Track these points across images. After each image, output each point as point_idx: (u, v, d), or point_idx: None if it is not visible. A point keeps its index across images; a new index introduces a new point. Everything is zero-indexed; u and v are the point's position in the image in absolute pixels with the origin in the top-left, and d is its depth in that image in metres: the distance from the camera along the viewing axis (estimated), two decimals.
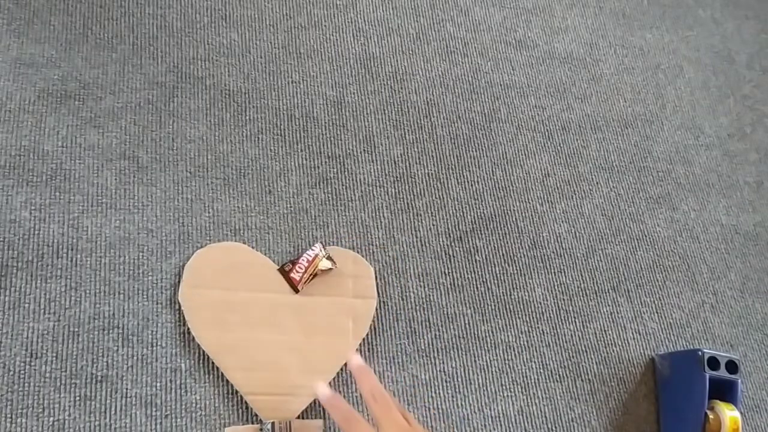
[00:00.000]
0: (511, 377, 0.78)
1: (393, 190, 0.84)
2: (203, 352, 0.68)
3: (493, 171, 0.89)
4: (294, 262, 0.74)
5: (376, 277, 0.78)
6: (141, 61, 0.80)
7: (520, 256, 0.85)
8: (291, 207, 0.79)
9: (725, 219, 0.98)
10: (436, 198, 0.85)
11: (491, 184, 0.88)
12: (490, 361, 0.78)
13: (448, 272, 0.81)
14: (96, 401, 0.65)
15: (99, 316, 0.68)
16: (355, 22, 0.92)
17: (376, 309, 0.76)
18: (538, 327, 0.82)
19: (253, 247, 0.75)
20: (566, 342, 0.82)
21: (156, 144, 0.77)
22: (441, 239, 0.83)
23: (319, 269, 0.74)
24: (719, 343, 0.89)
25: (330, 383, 0.72)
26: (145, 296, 0.70)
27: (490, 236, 0.85)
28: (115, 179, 0.74)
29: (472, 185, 0.87)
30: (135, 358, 0.67)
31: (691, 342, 0.88)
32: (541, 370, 0.80)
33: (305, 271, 0.73)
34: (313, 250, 0.75)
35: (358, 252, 0.78)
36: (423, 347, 0.77)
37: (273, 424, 0.66)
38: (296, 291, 0.73)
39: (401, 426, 0.55)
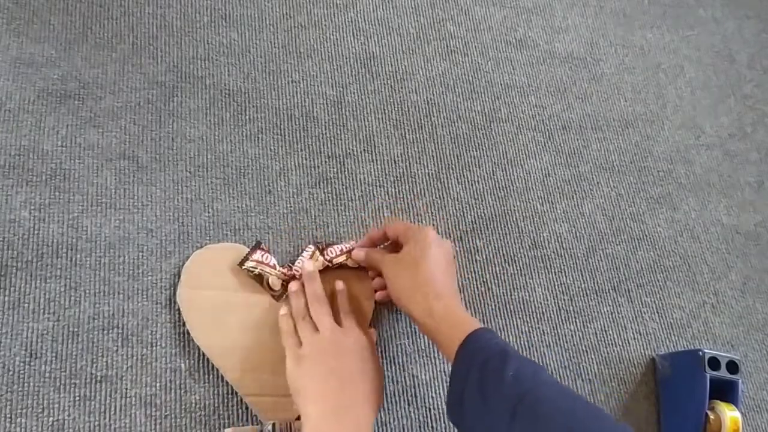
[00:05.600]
0: None
1: (393, 189, 0.84)
2: (203, 352, 0.68)
3: (493, 171, 0.89)
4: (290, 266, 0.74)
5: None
6: (141, 61, 0.80)
7: (520, 256, 0.85)
8: (291, 207, 0.79)
9: (726, 219, 0.98)
10: (436, 198, 0.85)
11: (491, 184, 0.88)
12: None
13: None
14: (96, 401, 0.65)
15: (99, 316, 0.68)
16: (355, 21, 0.92)
17: (376, 309, 0.76)
18: (538, 327, 0.82)
19: None
20: (566, 342, 0.82)
21: (156, 144, 0.77)
22: None
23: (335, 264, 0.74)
24: (720, 343, 0.89)
25: None
26: (144, 296, 0.70)
27: (490, 236, 0.85)
28: (115, 179, 0.74)
29: (472, 185, 0.87)
30: (135, 358, 0.67)
31: (692, 342, 0.88)
32: None
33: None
34: (307, 251, 0.74)
35: None
36: (423, 347, 0.77)
37: (274, 424, 0.66)
38: None
39: (327, 327, 0.66)
